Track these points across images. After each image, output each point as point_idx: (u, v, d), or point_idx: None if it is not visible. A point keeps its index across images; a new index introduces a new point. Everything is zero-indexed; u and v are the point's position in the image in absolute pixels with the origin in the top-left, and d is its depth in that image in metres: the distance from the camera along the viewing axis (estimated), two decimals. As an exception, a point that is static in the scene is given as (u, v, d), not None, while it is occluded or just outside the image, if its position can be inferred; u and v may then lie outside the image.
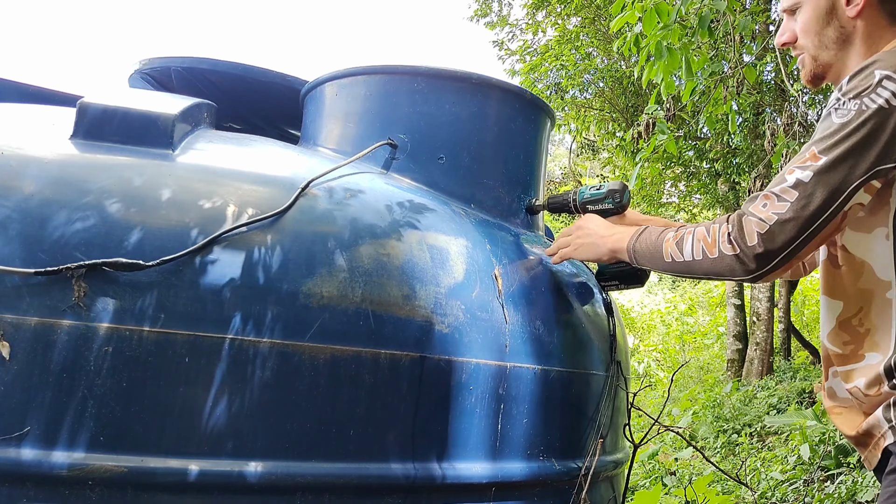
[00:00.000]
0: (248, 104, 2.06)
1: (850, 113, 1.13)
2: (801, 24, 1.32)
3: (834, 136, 1.14)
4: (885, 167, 1.12)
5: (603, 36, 8.83)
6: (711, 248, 1.21)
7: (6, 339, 1.07)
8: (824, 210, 1.12)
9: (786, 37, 1.36)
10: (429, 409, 1.28)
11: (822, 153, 1.14)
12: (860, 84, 1.14)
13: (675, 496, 4.21)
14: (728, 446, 6.38)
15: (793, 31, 1.35)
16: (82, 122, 1.31)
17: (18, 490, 1.05)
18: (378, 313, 1.25)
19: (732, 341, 10.02)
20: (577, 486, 1.48)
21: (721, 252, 1.19)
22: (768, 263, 1.16)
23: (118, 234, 1.15)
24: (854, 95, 1.14)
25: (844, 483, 4.20)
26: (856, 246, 1.22)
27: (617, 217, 1.61)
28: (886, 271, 1.18)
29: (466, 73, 1.71)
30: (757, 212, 1.16)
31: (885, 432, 1.17)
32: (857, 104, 1.13)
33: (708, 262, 1.22)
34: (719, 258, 1.20)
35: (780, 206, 1.14)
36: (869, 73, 1.14)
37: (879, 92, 1.12)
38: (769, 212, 1.15)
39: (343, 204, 1.36)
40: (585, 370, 1.57)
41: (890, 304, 1.18)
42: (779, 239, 1.14)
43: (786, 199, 1.14)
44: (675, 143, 4.68)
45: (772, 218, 1.14)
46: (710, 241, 1.21)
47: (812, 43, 1.31)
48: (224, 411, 1.13)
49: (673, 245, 1.28)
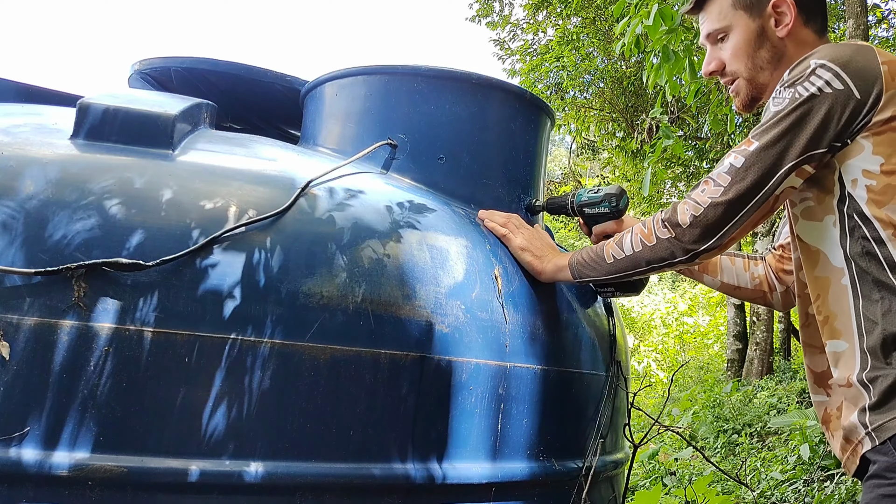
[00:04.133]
0: (248, 104, 2.06)
1: (784, 101, 1.18)
2: (732, 49, 1.35)
3: (767, 123, 1.18)
4: (817, 152, 1.16)
5: (603, 36, 8.83)
6: (649, 236, 1.26)
7: (6, 339, 1.07)
8: (755, 193, 1.17)
9: (713, 65, 1.39)
10: (429, 410, 1.28)
11: (754, 138, 1.19)
12: (796, 74, 1.19)
13: (675, 496, 4.21)
14: (728, 446, 6.38)
15: (720, 59, 1.38)
16: (82, 122, 1.31)
17: (18, 490, 1.05)
18: (378, 313, 1.25)
19: (732, 341, 10.02)
20: (577, 487, 1.48)
21: (657, 237, 1.25)
22: (703, 242, 1.21)
23: (118, 234, 1.15)
24: (789, 84, 1.19)
25: (844, 483, 4.20)
26: (809, 235, 1.25)
27: (615, 223, 1.59)
28: (838, 258, 1.19)
29: (467, 73, 1.71)
30: (695, 196, 1.22)
31: (862, 438, 1.15)
32: (791, 92, 1.18)
33: (648, 251, 1.27)
34: (657, 244, 1.25)
35: (715, 190, 1.19)
36: (805, 64, 1.18)
37: (812, 80, 1.16)
38: (705, 196, 1.20)
39: (343, 204, 1.36)
40: (586, 370, 1.57)
41: (846, 291, 1.18)
42: (710, 219, 1.19)
43: (720, 184, 1.19)
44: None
45: (706, 201, 1.20)
46: (647, 230, 1.27)
47: (745, 67, 1.35)
48: (224, 411, 1.13)
49: (613, 246, 1.33)
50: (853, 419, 1.17)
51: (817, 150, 1.16)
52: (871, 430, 1.13)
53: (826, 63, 1.16)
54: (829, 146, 1.16)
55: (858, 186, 1.16)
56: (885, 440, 1.11)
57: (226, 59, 1.95)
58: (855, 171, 1.16)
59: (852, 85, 1.14)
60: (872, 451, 1.13)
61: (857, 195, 1.16)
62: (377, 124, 1.68)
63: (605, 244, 1.37)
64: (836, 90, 1.14)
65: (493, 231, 1.54)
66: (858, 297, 1.16)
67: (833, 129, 1.15)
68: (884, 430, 1.11)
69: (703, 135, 8.68)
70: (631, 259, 1.30)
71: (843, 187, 1.18)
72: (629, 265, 1.31)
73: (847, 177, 1.17)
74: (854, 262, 1.17)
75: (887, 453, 1.10)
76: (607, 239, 1.54)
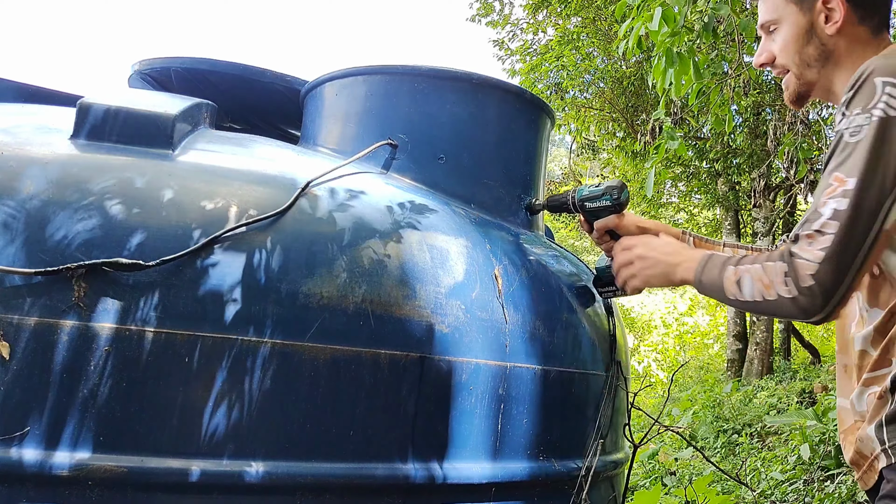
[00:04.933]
0: (248, 104, 2.06)
1: (863, 129, 1.10)
2: (780, 43, 1.30)
3: (853, 156, 1.10)
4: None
5: (603, 36, 8.83)
6: (769, 289, 1.16)
7: (6, 339, 1.07)
8: (867, 232, 1.09)
9: (763, 57, 1.34)
10: (429, 410, 1.28)
11: (845, 174, 1.10)
12: (864, 97, 1.12)
13: (675, 496, 4.21)
14: (728, 446, 6.38)
15: (770, 52, 1.32)
16: (82, 122, 1.31)
17: (18, 490, 1.05)
18: (378, 313, 1.25)
19: (732, 341, 10.02)
20: (578, 486, 1.48)
21: (780, 295, 1.15)
22: (828, 302, 1.12)
23: (118, 235, 1.15)
24: (861, 110, 1.11)
25: (844, 483, 4.20)
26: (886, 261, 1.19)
27: (616, 217, 1.59)
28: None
29: (467, 73, 1.71)
30: (803, 253, 1.11)
31: (877, 454, 1.13)
32: (866, 118, 1.10)
33: (769, 305, 1.18)
34: (779, 301, 1.16)
35: (825, 241, 1.09)
36: (869, 83, 1.12)
37: (885, 99, 1.10)
38: (815, 250, 1.10)
39: (343, 204, 1.36)
40: (585, 370, 1.57)
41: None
42: (832, 275, 1.10)
43: (828, 233, 1.09)
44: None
45: (819, 256, 1.10)
46: (768, 281, 1.17)
47: (793, 62, 1.30)
48: (224, 411, 1.13)
49: (734, 284, 1.23)
50: (870, 433, 1.14)
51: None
52: (888, 447, 1.11)
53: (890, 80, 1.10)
54: None
55: None
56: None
57: (226, 59, 1.96)
58: None
59: None
60: (889, 468, 1.11)
61: None
62: (377, 124, 1.68)
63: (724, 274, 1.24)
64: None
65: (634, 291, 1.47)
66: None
67: None
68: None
69: (702, 135, 8.68)
70: (754, 306, 1.21)
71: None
72: (752, 309, 1.24)
73: None
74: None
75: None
76: (610, 235, 1.54)
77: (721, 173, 9.02)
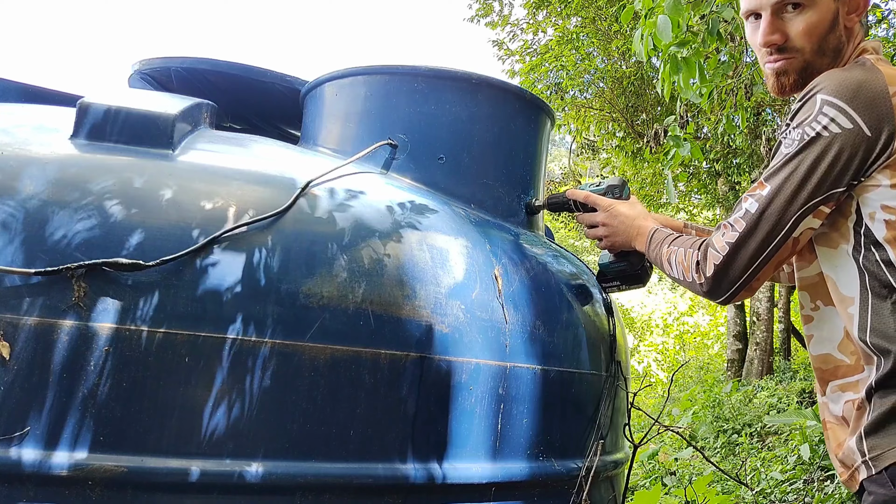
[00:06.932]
0: (248, 104, 2.06)
1: (794, 143, 1.14)
2: (804, 25, 1.22)
3: (777, 165, 1.16)
4: (833, 192, 1.12)
5: (603, 36, 8.82)
6: (686, 272, 1.27)
7: (6, 339, 1.07)
8: (771, 239, 1.16)
9: (776, 36, 1.24)
10: (429, 410, 1.28)
11: (767, 181, 1.17)
12: (804, 112, 1.15)
13: (675, 496, 4.21)
14: (728, 446, 6.37)
15: (784, 32, 1.24)
16: (82, 122, 1.31)
17: (18, 490, 1.05)
18: (378, 313, 1.25)
19: (732, 341, 10.02)
20: (578, 487, 1.48)
21: (693, 277, 1.26)
22: (726, 291, 1.21)
23: (118, 235, 1.15)
24: (797, 124, 1.15)
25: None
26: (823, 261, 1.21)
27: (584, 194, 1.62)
28: (851, 288, 1.15)
29: (466, 74, 1.71)
30: (716, 241, 1.21)
31: (858, 465, 1.13)
32: (799, 133, 1.14)
33: (686, 284, 1.30)
34: (691, 283, 1.27)
35: (732, 236, 1.18)
36: (813, 100, 1.14)
37: (819, 119, 1.12)
38: (724, 241, 1.19)
39: (343, 204, 1.36)
40: (585, 370, 1.57)
41: (853, 319, 1.15)
42: (731, 268, 1.19)
43: (736, 230, 1.18)
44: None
45: (725, 248, 1.19)
46: (686, 265, 1.28)
47: (812, 48, 1.23)
48: (224, 411, 1.13)
49: (666, 260, 1.35)
50: (851, 445, 1.14)
51: (833, 191, 1.12)
52: (867, 459, 1.10)
53: (832, 100, 1.11)
54: (846, 185, 1.12)
55: (876, 220, 1.12)
56: (881, 470, 1.08)
57: (226, 59, 1.96)
58: (873, 205, 1.12)
59: (861, 122, 1.09)
60: (869, 480, 1.11)
61: (874, 228, 1.12)
62: (377, 124, 1.68)
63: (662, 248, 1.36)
64: (846, 129, 1.09)
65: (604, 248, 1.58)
66: (865, 328, 1.12)
67: (844, 169, 1.10)
68: (881, 460, 1.08)
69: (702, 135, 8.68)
70: (679, 283, 1.33)
71: (861, 219, 1.13)
72: (680, 284, 1.35)
73: (865, 210, 1.13)
74: (869, 290, 1.12)
75: (884, 485, 1.08)
76: (584, 209, 1.60)
77: (721, 173, 9.02)
